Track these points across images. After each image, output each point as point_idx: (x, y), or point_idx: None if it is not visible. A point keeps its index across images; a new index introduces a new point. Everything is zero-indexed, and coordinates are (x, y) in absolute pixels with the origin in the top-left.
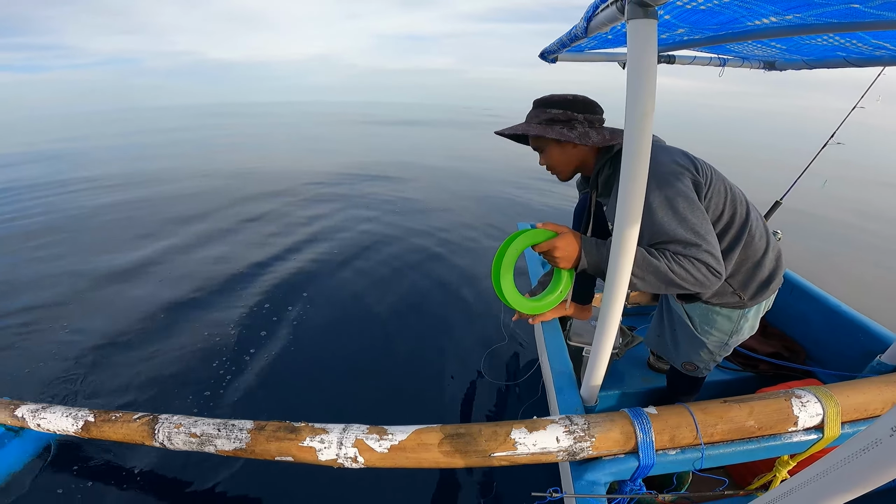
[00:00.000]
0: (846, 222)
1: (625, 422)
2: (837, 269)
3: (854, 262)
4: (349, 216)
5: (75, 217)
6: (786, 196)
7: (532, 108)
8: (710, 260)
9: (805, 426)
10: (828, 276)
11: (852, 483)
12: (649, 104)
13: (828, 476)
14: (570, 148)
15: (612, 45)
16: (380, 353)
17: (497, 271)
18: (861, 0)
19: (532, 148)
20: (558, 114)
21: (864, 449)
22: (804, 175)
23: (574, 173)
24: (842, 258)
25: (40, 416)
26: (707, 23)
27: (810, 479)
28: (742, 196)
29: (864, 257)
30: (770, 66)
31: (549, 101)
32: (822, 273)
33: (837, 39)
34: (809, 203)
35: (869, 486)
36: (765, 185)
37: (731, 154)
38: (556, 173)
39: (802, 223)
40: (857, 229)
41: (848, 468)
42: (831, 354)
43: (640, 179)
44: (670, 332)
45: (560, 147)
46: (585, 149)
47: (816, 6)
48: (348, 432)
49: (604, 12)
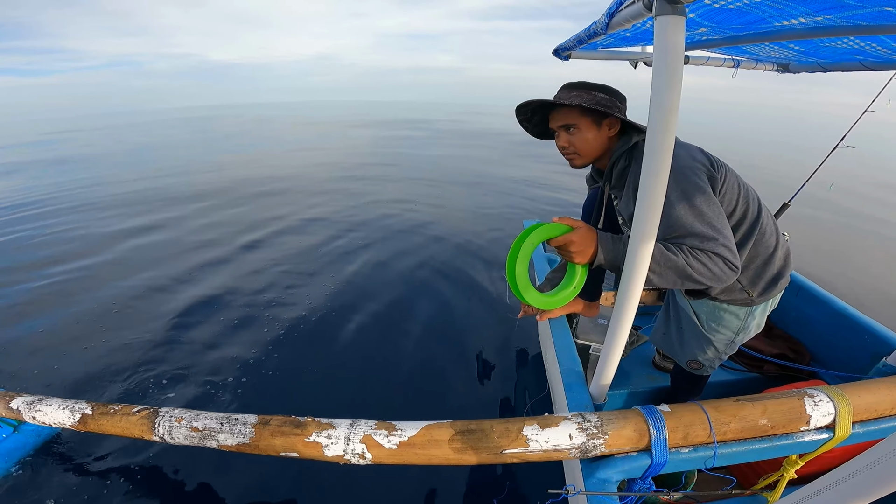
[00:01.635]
0: (851, 225)
1: (638, 419)
2: (843, 272)
3: (860, 264)
4: (362, 213)
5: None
6: (794, 198)
7: (565, 89)
8: (727, 253)
9: (817, 425)
10: (834, 278)
11: (878, 484)
12: (674, 101)
13: (856, 477)
14: (605, 134)
15: (627, 43)
16: (383, 350)
17: (512, 265)
18: (894, 3)
19: (554, 127)
20: (604, 98)
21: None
22: (813, 177)
23: (592, 161)
24: (847, 260)
25: (36, 408)
26: (732, 22)
27: (837, 482)
28: (754, 193)
29: (871, 259)
30: (784, 69)
31: (591, 86)
32: (828, 275)
33: (857, 42)
34: (816, 205)
35: None
36: (775, 186)
37: (741, 153)
38: (575, 157)
39: (810, 224)
40: (863, 231)
41: (876, 470)
42: (836, 356)
43: (662, 176)
44: (676, 330)
45: (597, 130)
46: (611, 137)
47: (850, 7)
48: (356, 428)
49: (629, 8)
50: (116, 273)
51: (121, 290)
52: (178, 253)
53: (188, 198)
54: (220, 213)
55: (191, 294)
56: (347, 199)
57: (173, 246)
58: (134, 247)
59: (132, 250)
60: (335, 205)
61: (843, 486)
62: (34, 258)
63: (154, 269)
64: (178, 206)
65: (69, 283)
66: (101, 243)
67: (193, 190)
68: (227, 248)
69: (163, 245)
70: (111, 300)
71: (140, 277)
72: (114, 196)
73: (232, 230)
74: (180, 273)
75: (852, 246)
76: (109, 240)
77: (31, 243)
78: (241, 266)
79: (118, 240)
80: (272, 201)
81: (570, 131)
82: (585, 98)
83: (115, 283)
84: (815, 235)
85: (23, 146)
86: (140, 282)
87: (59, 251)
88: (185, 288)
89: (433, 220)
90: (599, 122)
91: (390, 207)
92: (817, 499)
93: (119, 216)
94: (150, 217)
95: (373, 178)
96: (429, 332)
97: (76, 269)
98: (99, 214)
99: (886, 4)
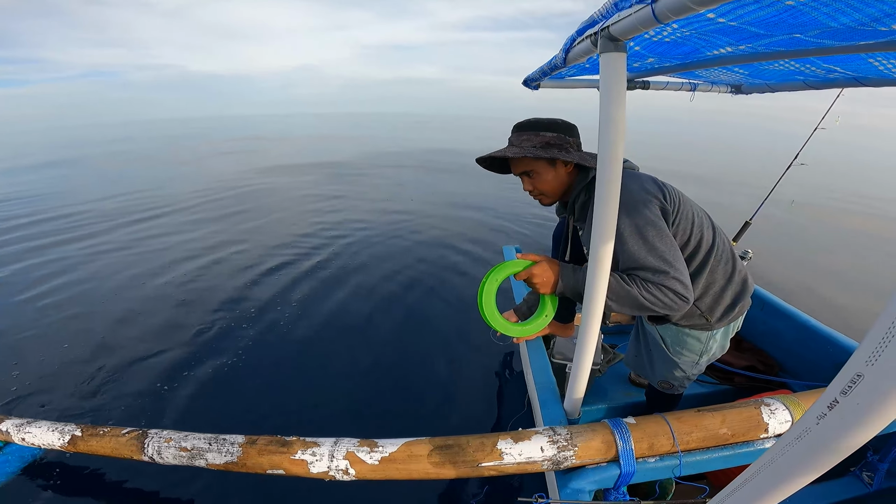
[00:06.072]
0: (813, 240)
1: (605, 431)
2: (807, 286)
3: (820, 277)
4: (342, 228)
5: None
6: (755, 216)
7: (516, 132)
8: (678, 287)
9: (776, 433)
10: (798, 292)
11: (792, 474)
12: (620, 130)
13: (770, 468)
14: (562, 171)
15: (589, 72)
16: (368, 368)
17: (481, 302)
18: (801, 30)
19: (516, 174)
20: (552, 137)
21: (798, 437)
22: (770, 195)
23: (560, 197)
24: (810, 273)
25: (25, 430)
26: (673, 52)
27: (753, 474)
28: (709, 220)
29: (832, 271)
30: (737, 90)
31: (538, 124)
32: (793, 289)
33: (794, 64)
34: (778, 222)
35: (809, 474)
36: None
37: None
38: (543, 197)
39: (772, 242)
40: (823, 247)
41: (788, 457)
42: (803, 367)
43: (612, 203)
44: (646, 353)
45: (554, 170)
46: (570, 173)
47: (764, 37)
48: (339, 445)
49: (580, 45)
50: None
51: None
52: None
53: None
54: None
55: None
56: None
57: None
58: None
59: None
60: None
61: (745, 489)
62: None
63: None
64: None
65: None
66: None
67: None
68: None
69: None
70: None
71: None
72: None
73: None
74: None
75: (817, 257)
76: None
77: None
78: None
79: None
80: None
81: (531, 175)
82: (535, 141)
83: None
84: (780, 250)
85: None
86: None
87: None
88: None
89: (419, 231)
90: (553, 162)
91: (373, 223)
92: (739, 494)
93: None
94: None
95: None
96: (414, 351)
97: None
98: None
99: (794, 31)
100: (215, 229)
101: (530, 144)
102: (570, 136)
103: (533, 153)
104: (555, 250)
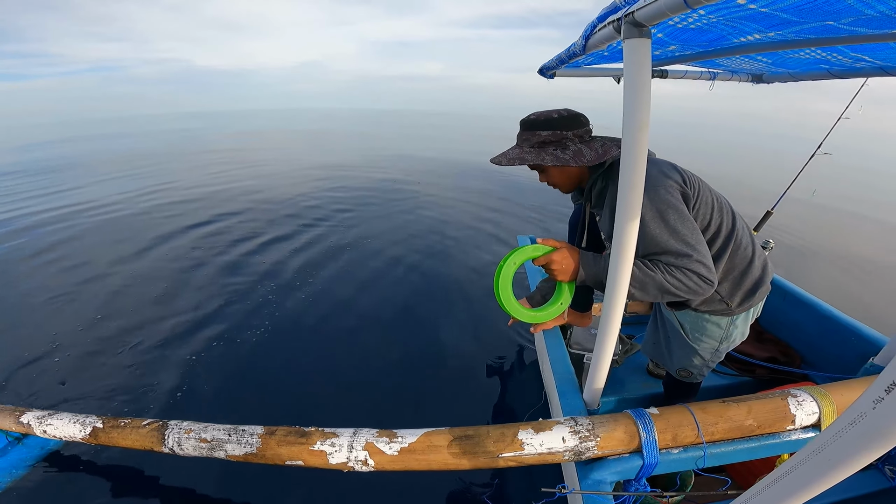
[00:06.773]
0: (835, 229)
1: (628, 422)
2: (827, 275)
3: (844, 266)
4: (355, 219)
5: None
6: (776, 206)
7: (520, 129)
8: (702, 269)
9: (803, 424)
10: (819, 282)
11: (842, 461)
12: (644, 118)
13: (818, 456)
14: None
15: (607, 60)
16: (382, 359)
17: (497, 285)
18: (835, 17)
19: (530, 168)
20: (548, 135)
21: (851, 423)
22: (793, 184)
23: (576, 186)
24: (831, 263)
25: (47, 422)
26: (697, 40)
27: (800, 462)
28: (728, 206)
29: (853, 261)
30: (758, 79)
31: (535, 123)
32: (814, 279)
33: (820, 53)
34: (799, 212)
35: (861, 460)
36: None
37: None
38: (558, 188)
39: (793, 232)
40: (846, 234)
41: (839, 444)
42: (826, 358)
43: (636, 191)
44: (664, 340)
45: (559, 167)
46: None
47: (795, 24)
48: (358, 436)
49: (601, 31)
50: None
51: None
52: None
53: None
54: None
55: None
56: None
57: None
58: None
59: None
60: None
61: (779, 486)
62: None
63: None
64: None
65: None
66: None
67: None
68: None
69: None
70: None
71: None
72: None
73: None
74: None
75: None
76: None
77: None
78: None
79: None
80: None
81: (542, 171)
82: (532, 141)
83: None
84: (802, 240)
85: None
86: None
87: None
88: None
89: (438, 218)
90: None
91: (388, 210)
92: (758, 498)
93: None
94: None
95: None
96: (430, 344)
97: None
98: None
99: (828, 19)
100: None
101: (528, 145)
102: (570, 129)
103: (530, 159)
104: (571, 236)
